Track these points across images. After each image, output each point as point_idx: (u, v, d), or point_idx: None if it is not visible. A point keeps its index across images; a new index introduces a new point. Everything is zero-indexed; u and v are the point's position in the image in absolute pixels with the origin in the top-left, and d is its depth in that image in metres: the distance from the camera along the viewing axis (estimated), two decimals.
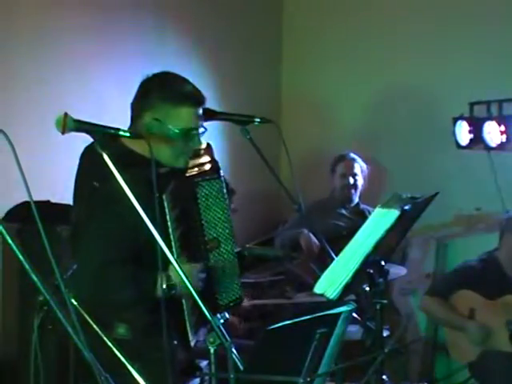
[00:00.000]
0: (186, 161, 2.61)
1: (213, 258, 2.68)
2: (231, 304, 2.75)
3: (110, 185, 2.21)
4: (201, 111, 2.59)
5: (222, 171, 2.78)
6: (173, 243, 2.51)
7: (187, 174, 2.63)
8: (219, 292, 2.68)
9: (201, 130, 2.60)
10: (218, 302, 2.67)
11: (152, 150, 2.28)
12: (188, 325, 2.56)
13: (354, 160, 4.85)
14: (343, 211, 4.83)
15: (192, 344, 2.56)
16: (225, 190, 2.77)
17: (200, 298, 2.20)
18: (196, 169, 2.69)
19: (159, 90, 2.55)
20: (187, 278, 2.24)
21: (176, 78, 2.62)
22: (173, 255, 2.27)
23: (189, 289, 2.22)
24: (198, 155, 2.72)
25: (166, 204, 2.49)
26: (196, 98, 2.58)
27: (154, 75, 2.61)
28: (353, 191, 4.83)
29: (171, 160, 2.57)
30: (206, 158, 2.76)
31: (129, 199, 2.16)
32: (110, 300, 2.49)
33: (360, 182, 4.85)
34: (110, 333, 2.37)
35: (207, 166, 2.75)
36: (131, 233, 2.40)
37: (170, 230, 2.51)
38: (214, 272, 2.67)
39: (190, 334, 2.57)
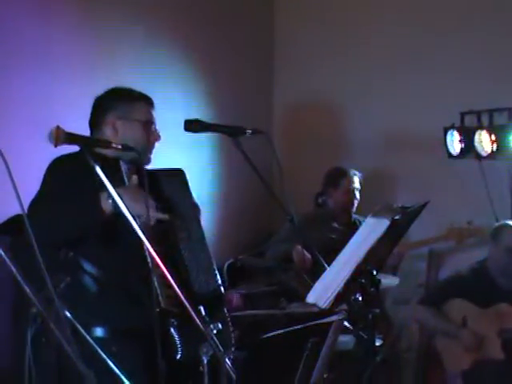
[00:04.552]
0: (149, 157, 2.79)
1: (184, 248, 2.74)
2: (210, 295, 2.76)
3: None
4: (154, 111, 2.84)
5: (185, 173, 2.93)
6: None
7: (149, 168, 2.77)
8: (195, 281, 2.71)
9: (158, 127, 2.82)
10: (195, 291, 2.68)
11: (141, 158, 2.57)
12: (158, 289, 2.53)
13: (355, 175, 4.87)
14: (335, 224, 4.83)
15: (162, 305, 2.54)
16: (188, 185, 2.89)
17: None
18: None
19: (113, 96, 2.81)
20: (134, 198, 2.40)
21: (123, 87, 2.87)
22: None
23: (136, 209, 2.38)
24: None
25: (122, 169, 2.64)
26: (147, 97, 2.84)
27: (102, 92, 2.85)
28: (355, 205, 4.85)
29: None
30: None
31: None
32: (58, 223, 2.50)
33: (358, 195, 4.88)
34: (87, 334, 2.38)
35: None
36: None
37: None
38: (187, 262, 2.71)
39: (160, 298, 2.54)
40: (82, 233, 2.55)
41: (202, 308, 2.60)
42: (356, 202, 4.85)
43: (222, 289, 2.86)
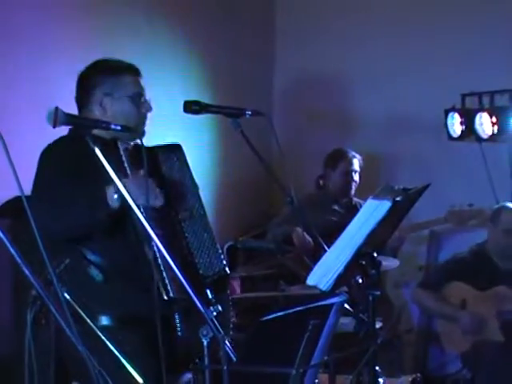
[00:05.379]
0: (143, 130, 2.72)
1: (186, 227, 2.70)
2: (215, 277, 2.73)
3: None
4: (141, 80, 2.74)
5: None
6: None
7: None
8: (200, 263, 2.68)
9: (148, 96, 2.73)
10: (201, 274, 2.66)
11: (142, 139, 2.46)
12: (166, 278, 2.53)
13: (354, 156, 4.85)
14: (336, 207, 4.82)
15: (171, 295, 2.53)
16: (187, 161, 2.83)
17: (184, 276, 2.19)
18: None
19: (97, 71, 2.71)
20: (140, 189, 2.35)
21: (107, 58, 2.77)
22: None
23: (142, 199, 2.33)
24: None
25: (121, 151, 2.56)
26: (132, 67, 2.74)
27: (85, 67, 2.75)
28: (353, 188, 4.84)
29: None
30: None
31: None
32: (67, 222, 2.45)
33: (358, 177, 4.86)
34: (94, 324, 2.37)
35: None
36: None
37: None
38: (191, 244, 2.68)
39: (169, 287, 2.54)
40: (89, 230, 2.52)
41: (208, 291, 2.59)
42: (354, 185, 4.83)
43: (227, 269, 2.84)
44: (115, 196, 2.39)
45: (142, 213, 2.32)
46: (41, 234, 1.85)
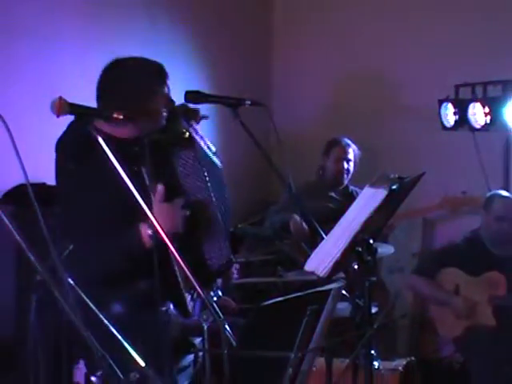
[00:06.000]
0: (163, 122, 2.71)
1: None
2: (223, 268, 2.76)
3: (92, 164, 2.37)
4: (168, 78, 2.70)
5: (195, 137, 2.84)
6: None
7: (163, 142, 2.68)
8: (210, 258, 2.69)
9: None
10: (209, 269, 2.67)
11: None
12: (184, 292, 2.55)
13: (348, 145, 4.89)
14: (333, 194, 4.87)
15: (190, 308, 2.57)
16: (200, 157, 2.81)
17: (191, 269, 2.22)
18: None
19: (127, 81, 2.64)
20: (167, 218, 2.34)
21: (136, 61, 2.70)
22: None
23: (173, 228, 2.34)
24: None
25: (145, 176, 2.52)
26: (163, 74, 2.69)
27: (112, 69, 2.66)
28: (345, 176, 4.89)
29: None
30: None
31: (109, 177, 2.24)
32: (105, 271, 2.47)
33: (352, 166, 4.91)
34: (105, 311, 2.40)
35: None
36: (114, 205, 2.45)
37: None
38: (201, 236, 2.69)
39: (189, 307, 2.58)
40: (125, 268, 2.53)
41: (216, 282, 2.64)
42: (347, 173, 4.87)
43: (232, 256, 2.86)
44: (150, 232, 2.39)
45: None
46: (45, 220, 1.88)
